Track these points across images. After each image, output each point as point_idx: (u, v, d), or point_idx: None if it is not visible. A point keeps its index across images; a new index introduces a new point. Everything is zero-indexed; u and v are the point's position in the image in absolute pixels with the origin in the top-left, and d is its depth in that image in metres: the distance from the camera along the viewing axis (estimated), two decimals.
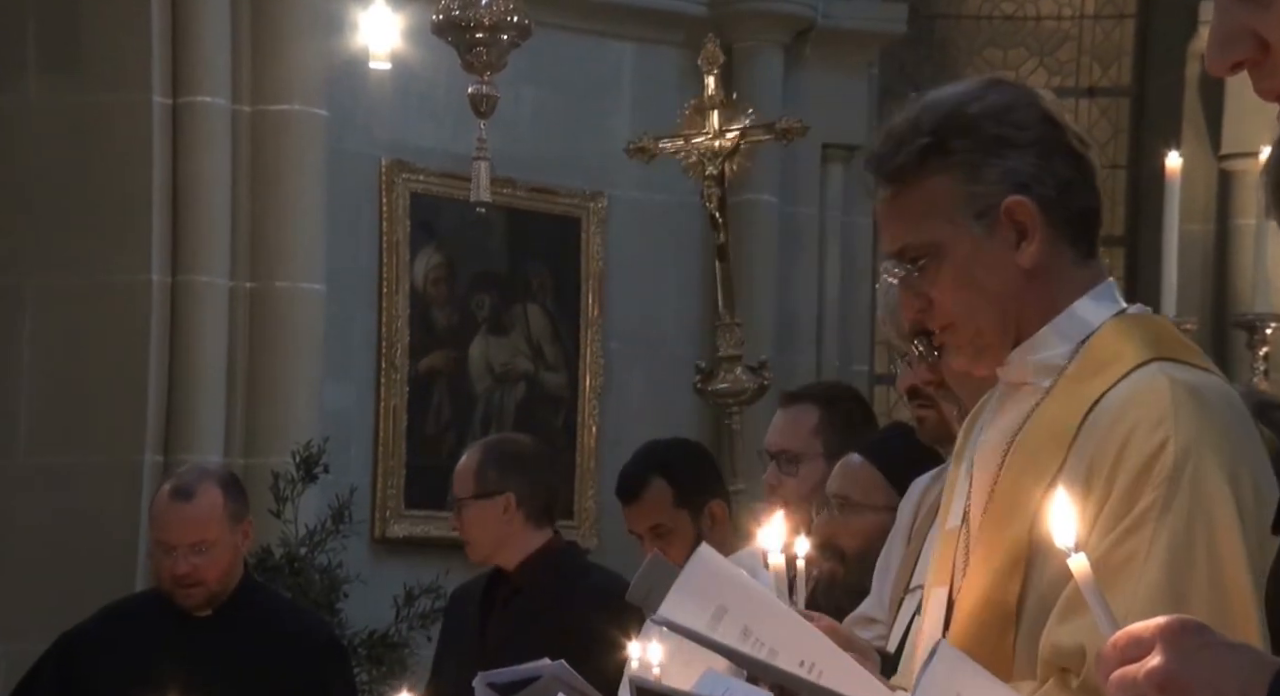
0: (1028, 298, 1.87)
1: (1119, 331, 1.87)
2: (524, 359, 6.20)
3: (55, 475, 5.35)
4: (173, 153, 5.40)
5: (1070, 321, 1.88)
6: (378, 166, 5.95)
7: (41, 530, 5.32)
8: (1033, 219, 1.86)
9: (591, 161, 6.25)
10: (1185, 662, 1.21)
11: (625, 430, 6.11)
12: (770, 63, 6.41)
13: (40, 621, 4.50)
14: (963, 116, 1.88)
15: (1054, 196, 1.87)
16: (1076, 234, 1.89)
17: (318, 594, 5.20)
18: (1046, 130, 1.89)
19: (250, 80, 5.46)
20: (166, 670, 3.71)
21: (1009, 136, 1.88)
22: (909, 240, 1.90)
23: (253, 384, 5.50)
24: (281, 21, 5.46)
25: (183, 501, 3.91)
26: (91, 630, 4.02)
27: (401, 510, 5.95)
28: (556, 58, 5.95)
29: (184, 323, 5.42)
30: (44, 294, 5.41)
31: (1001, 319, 1.88)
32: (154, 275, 5.39)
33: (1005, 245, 1.87)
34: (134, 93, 5.35)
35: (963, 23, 7.00)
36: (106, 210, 5.40)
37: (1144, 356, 1.83)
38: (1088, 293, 1.89)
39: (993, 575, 1.83)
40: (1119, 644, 1.24)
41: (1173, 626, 1.23)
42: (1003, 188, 1.86)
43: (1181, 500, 1.74)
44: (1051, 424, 1.84)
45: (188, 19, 5.37)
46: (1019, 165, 1.87)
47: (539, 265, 6.22)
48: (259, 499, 5.07)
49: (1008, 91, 1.93)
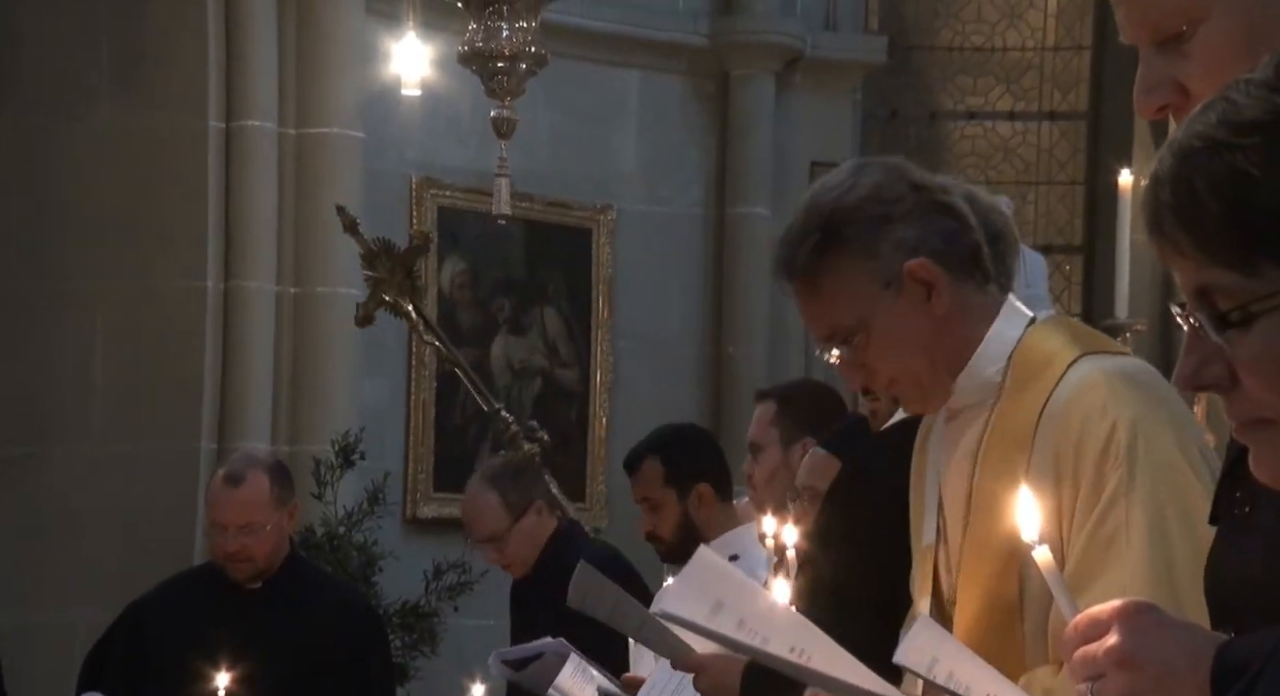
0: (948, 339, 1.91)
1: (1040, 339, 1.90)
2: (540, 357, 6.21)
3: (122, 460, 5.36)
4: (226, 171, 5.45)
5: (994, 343, 1.91)
6: (409, 183, 5.93)
7: (110, 509, 5.35)
8: (933, 274, 1.90)
9: (601, 178, 6.27)
10: (1140, 640, 1.20)
11: (632, 421, 6.05)
12: (763, 88, 6.43)
13: (108, 591, 4.54)
14: (843, 208, 1.93)
15: (943, 248, 1.91)
16: (969, 271, 1.93)
17: (355, 569, 5.24)
18: (916, 197, 1.93)
19: (295, 106, 5.51)
20: (220, 636, 3.75)
21: (887, 213, 1.92)
22: (835, 323, 1.94)
23: (296, 379, 5.54)
24: (322, 53, 5.51)
25: (233, 486, 3.91)
26: (154, 600, 4.03)
27: (430, 493, 5.96)
28: (570, 84, 5.92)
29: (235, 324, 5.47)
30: (112, 299, 5.45)
31: (932, 364, 1.92)
32: (209, 282, 5.42)
33: (918, 302, 1.91)
34: (192, 118, 5.42)
35: (936, 53, 6.95)
36: (167, 224, 5.45)
37: (1072, 355, 1.86)
38: (998, 316, 1.93)
39: (989, 577, 1.84)
40: (1079, 626, 1.23)
41: (1128, 608, 1.22)
42: (899, 256, 1.91)
43: (1143, 471, 1.76)
44: (1010, 431, 1.86)
45: (240, 52, 5.42)
46: (905, 235, 1.91)
47: (554, 272, 6.24)
48: (302, 483, 5.05)
49: (876, 172, 1.97)
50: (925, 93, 6.94)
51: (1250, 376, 1.02)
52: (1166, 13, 1.30)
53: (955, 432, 1.94)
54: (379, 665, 4.04)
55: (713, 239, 6.45)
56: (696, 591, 1.70)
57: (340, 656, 3.94)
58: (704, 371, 6.40)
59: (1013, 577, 1.82)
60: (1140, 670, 1.19)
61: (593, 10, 5.74)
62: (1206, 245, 1.02)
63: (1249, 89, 1.01)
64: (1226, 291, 1.01)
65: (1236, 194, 1.00)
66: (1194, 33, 1.29)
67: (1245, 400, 1.03)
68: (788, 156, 6.51)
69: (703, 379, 6.39)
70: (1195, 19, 1.29)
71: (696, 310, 6.40)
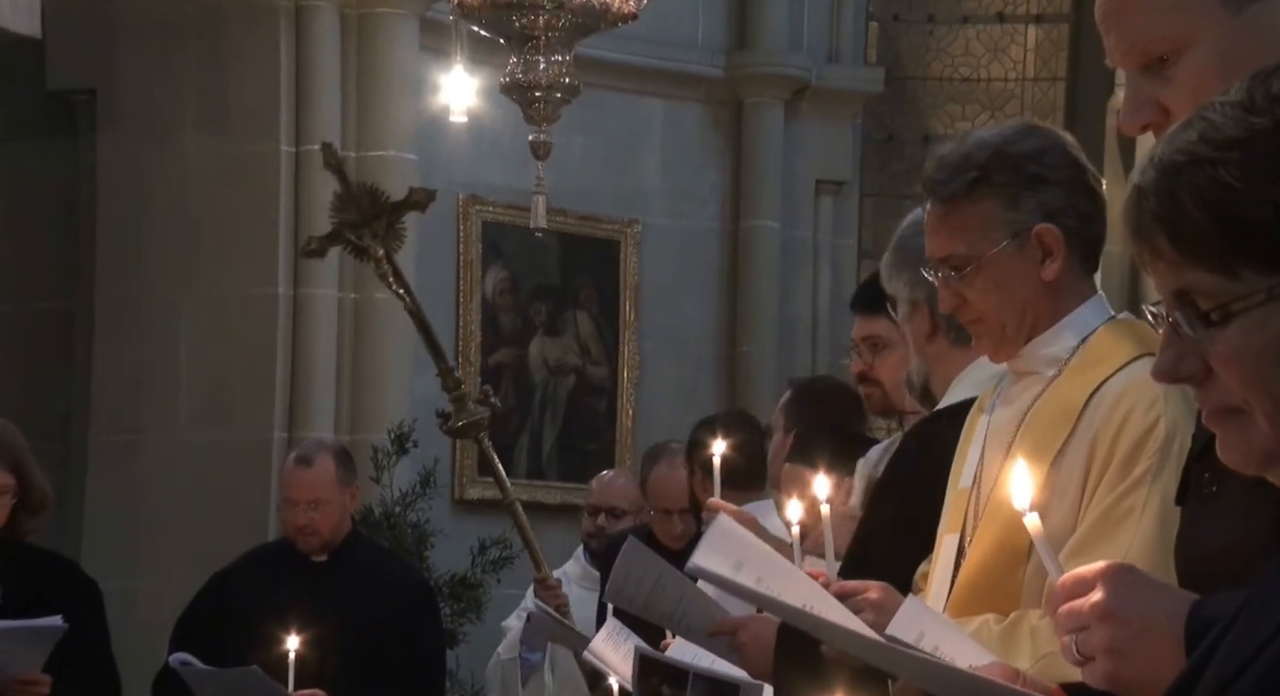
0: (1043, 304, 1.89)
1: (1113, 333, 1.89)
2: (574, 356, 6.19)
3: (206, 448, 5.38)
4: (295, 190, 5.42)
5: (1074, 323, 1.90)
6: (456, 200, 5.90)
7: (196, 490, 5.36)
8: (1058, 243, 1.87)
9: (628, 195, 6.25)
10: (1122, 597, 1.20)
11: (656, 413, 6.16)
12: (774, 115, 6.41)
13: (194, 562, 4.54)
14: (1007, 156, 1.89)
15: (1075, 226, 1.89)
16: (1086, 256, 1.91)
17: (409, 544, 5.25)
18: (1073, 172, 1.90)
19: (355, 131, 5.51)
20: (291, 603, 3.78)
21: (1043, 175, 1.88)
22: (954, 251, 1.90)
23: (356, 376, 5.55)
24: (380, 85, 5.52)
25: (304, 467, 3.97)
26: (235, 570, 4.06)
27: (475, 477, 5.91)
28: (600, 111, 5.88)
29: (303, 327, 5.48)
30: (196, 304, 5.48)
31: (1021, 319, 1.89)
32: (280, 289, 5.43)
33: (1032, 261, 1.88)
34: (265, 143, 5.43)
35: (928, 83, 6.90)
36: (244, 238, 5.44)
37: (1135, 352, 1.84)
38: (1086, 302, 1.91)
39: (1006, 524, 1.81)
40: (1066, 584, 1.22)
41: (1111, 569, 1.22)
42: (1035, 216, 1.87)
43: (1170, 467, 1.74)
44: (1060, 403, 1.85)
45: (307, 86, 5.44)
46: (1050, 199, 1.88)
47: (586, 279, 6.19)
48: (361, 468, 5.06)
49: (1043, 136, 1.93)
50: (918, 118, 6.92)
51: (1226, 369, 1.02)
52: (1153, 41, 1.30)
53: (1014, 393, 1.93)
54: (431, 630, 4.07)
55: (728, 249, 6.43)
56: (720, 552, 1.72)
57: (397, 622, 3.94)
58: (720, 367, 6.39)
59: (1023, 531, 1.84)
60: (1122, 624, 1.20)
61: (620, 45, 5.74)
62: (1190, 250, 1.01)
63: (1225, 109, 1.01)
64: (1207, 292, 1.01)
65: (1218, 204, 1.00)
66: (1177, 59, 1.29)
67: (1218, 391, 1.03)
68: (795, 175, 6.51)
69: (719, 374, 6.38)
70: (1178, 47, 1.29)
71: (713, 313, 6.39)
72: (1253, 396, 1.02)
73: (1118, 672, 1.21)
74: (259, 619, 3.82)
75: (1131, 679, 1.21)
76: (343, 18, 5.51)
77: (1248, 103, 1.01)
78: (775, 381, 6.09)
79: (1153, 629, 1.20)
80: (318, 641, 3.75)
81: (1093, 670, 1.22)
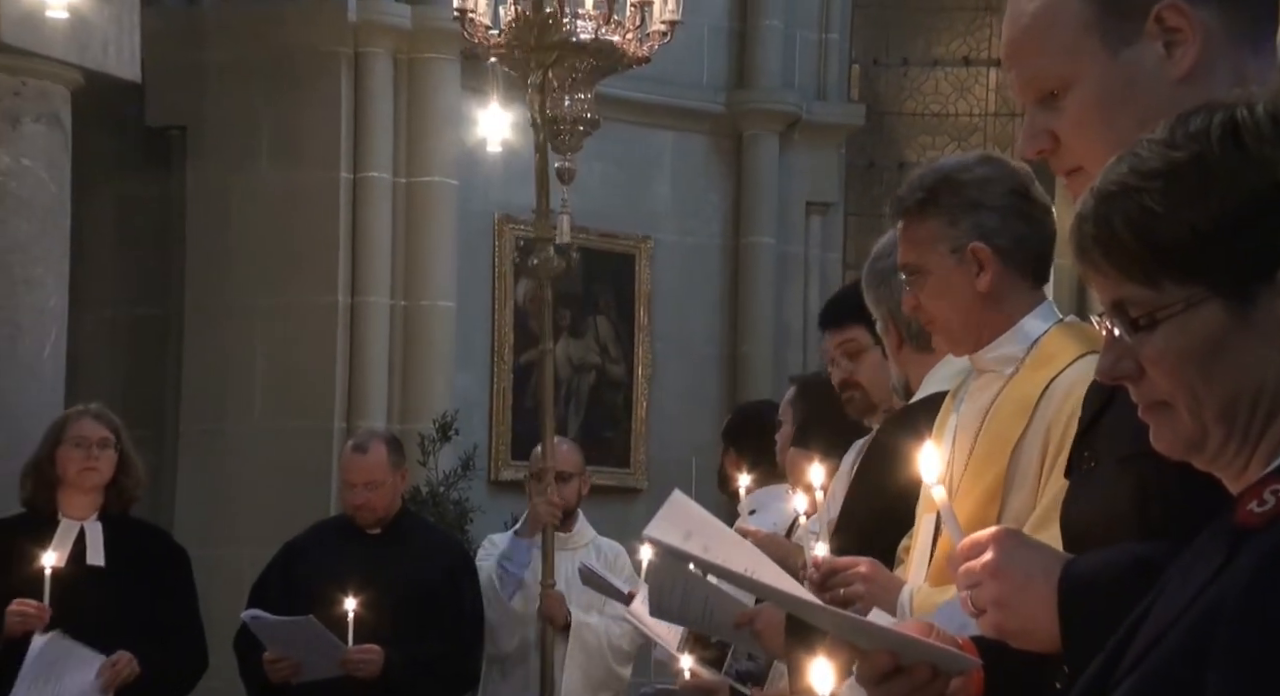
0: (986, 310, 1.90)
1: (1061, 334, 1.89)
2: (594, 355, 6.17)
3: (276, 435, 5.40)
4: (353, 212, 5.46)
5: (1025, 327, 1.90)
6: (492, 220, 5.90)
7: (268, 472, 5.37)
8: (989, 259, 1.89)
9: (642, 215, 6.24)
10: (1008, 557, 1.21)
11: (667, 406, 6.17)
12: (769, 144, 6.41)
13: (267, 534, 4.53)
14: (953, 182, 1.92)
15: (1008, 246, 1.89)
16: (1024, 271, 1.91)
17: (451, 520, 5.25)
18: (1011, 199, 1.91)
19: (405, 160, 5.53)
20: (350, 569, 3.80)
21: (981, 200, 1.90)
22: (909, 260, 1.94)
23: (406, 372, 5.54)
24: (427, 120, 5.53)
25: (361, 453, 3.98)
26: (302, 541, 4.08)
27: (509, 460, 5.89)
28: (618, 142, 5.87)
29: (359, 330, 5.49)
30: (269, 311, 5.48)
31: (965, 321, 1.91)
32: (339, 297, 5.45)
33: (969, 275, 1.90)
34: (328, 172, 5.46)
35: (904, 118, 6.91)
36: (310, 253, 5.46)
37: (1081, 351, 1.84)
38: (1035, 309, 1.91)
39: (975, 503, 1.82)
40: (963, 547, 1.24)
41: (1000, 533, 1.23)
42: (972, 235, 1.89)
43: None
44: (1018, 398, 1.85)
45: (364, 121, 5.47)
46: (984, 221, 1.90)
47: (605, 288, 6.16)
48: (410, 453, 5.08)
49: (993, 166, 1.95)
50: (895, 148, 6.93)
51: (1154, 369, 1.02)
52: (1044, 78, 1.30)
53: (977, 390, 1.94)
54: (470, 591, 4.07)
55: (729, 262, 6.43)
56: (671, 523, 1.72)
57: (441, 585, 3.96)
58: (723, 366, 6.38)
59: (995, 507, 1.82)
60: (1007, 579, 1.20)
61: (635, 85, 5.75)
62: (1121, 267, 1.02)
63: (1150, 145, 1.01)
64: (1137, 303, 1.01)
65: (1143, 227, 1.00)
66: (1065, 94, 1.28)
67: (1149, 388, 1.03)
68: (788, 197, 6.50)
69: (722, 372, 6.37)
70: (1067, 84, 1.28)
71: (717, 318, 6.38)
72: (1176, 392, 1.02)
73: (1004, 622, 1.22)
74: (322, 583, 3.84)
75: (1015, 627, 1.21)
76: (395, 63, 5.54)
77: (1169, 140, 1.01)
78: (771, 378, 6.11)
79: (1032, 583, 1.21)
80: (373, 602, 3.76)
81: (985, 620, 1.23)
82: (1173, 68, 1.25)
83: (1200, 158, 1.00)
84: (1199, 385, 1.01)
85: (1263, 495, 0.97)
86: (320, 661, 3.73)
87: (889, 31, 6.95)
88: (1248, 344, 0.99)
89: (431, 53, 5.55)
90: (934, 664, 1.26)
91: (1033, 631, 1.20)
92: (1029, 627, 1.21)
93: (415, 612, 3.87)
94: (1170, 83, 1.23)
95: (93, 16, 4.51)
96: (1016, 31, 1.32)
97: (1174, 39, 1.25)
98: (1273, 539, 0.94)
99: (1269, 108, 1.00)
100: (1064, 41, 1.27)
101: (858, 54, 6.88)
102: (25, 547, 3.63)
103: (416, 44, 5.50)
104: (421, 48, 5.51)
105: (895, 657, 1.27)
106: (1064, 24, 1.28)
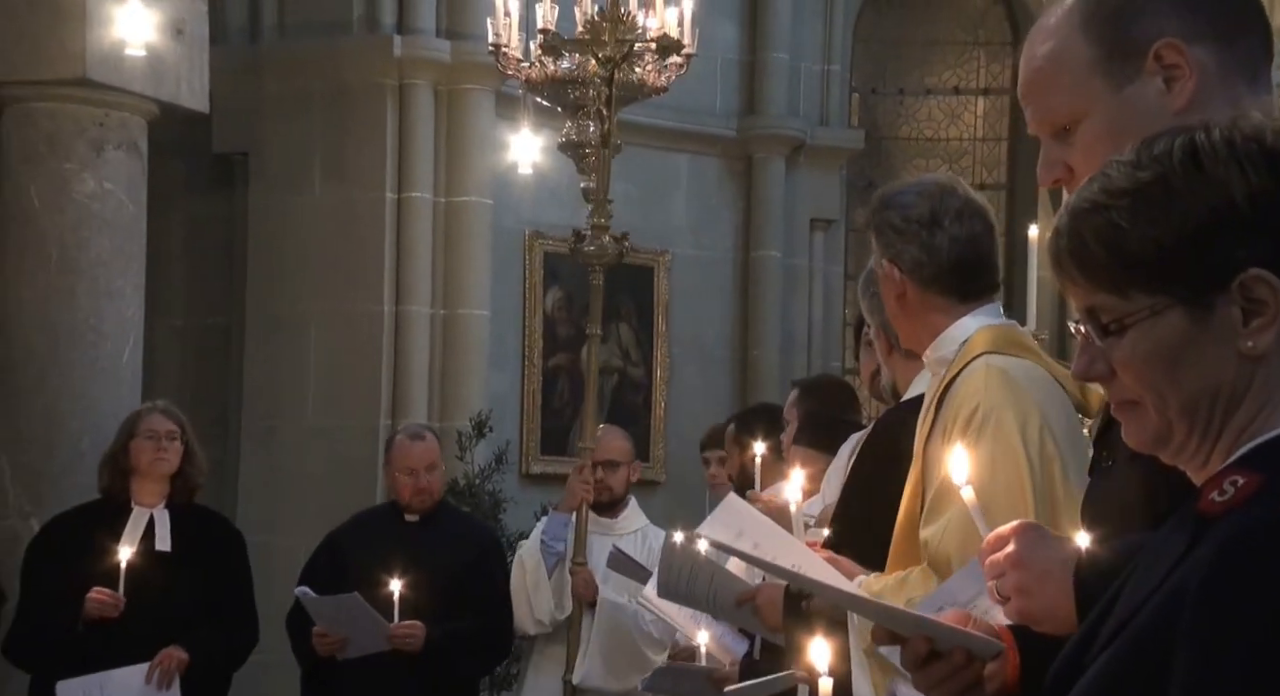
0: (910, 319, 1.96)
1: (977, 338, 1.91)
2: (617, 359, 6.17)
3: (328, 432, 5.42)
4: (397, 228, 5.45)
5: (954, 333, 1.94)
6: (523, 236, 5.90)
7: (320, 465, 5.39)
8: (898, 278, 1.94)
9: (661, 231, 6.22)
10: (1029, 549, 1.22)
11: (683, 406, 6.16)
12: (776, 166, 6.39)
13: (318, 522, 4.49)
14: (882, 205, 1.99)
15: (909, 266, 1.93)
16: (943, 287, 1.94)
17: (486, 510, 5.26)
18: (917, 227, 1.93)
19: (445, 181, 5.54)
20: (391, 554, 3.79)
21: (895, 224, 1.95)
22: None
23: (445, 374, 5.55)
24: (464, 145, 5.55)
25: (419, 441, 3.95)
26: (347, 528, 4.07)
27: (539, 455, 5.88)
28: (638, 164, 5.81)
29: (403, 336, 5.50)
30: (321, 318, 5.51)
31: (902, 328, 1.99)
32: (385, 306, 5.45)
33: (891, 287, 1.97)
34: (375, 192, 5.47)
35: (899, 142, 6.92)
36: (358, 266, 5.47)
37: (977, 353, 1.87)
38: (966, 316, 1.93)
39: (908, 497, 1.86)
40: (989, 541, 1.24)
41: (1020, 527, 1.24)
42: (886, 253, 1.96)
43: (985, 439, 1.76)
44: (931, 397, 1.88)
45: (408, 146, 5.48)
46: (893, 242, 1.95)
47: (626, 298, 6.13)
48: (448, 448, 5.07)
49: (917, 196, 1.96)
50: (892, 170, 6.91)
51: (1123, 370, 1.02)
52: (1057, 114, 1.32)
53: (930, 388, 1.97)
54: (501, 574, 4.07)
55: (740, 274, 6.42)
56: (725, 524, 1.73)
57: (474, 568, 3.95)
58: (734, 369, 6.38)
59: (917, 499, 1.85)
60: (1028, 569, 1.22)
61: (654, 112, 5.76)
62: (1093, 277, 1.03)
63: (1119, 167, 1.02)
64: (1108, 310, 1.02)
65: (1112, 241, 1.01)
66: (1076, 128, 1.31)
67: (1119, 388, 1.03)
68: (794, 215, 6.51)
69: (733, 374, 6.37)
70: (1077, 119, 1.31)
71: (728, 325, 6.37)
72: (1143, 392, 1.03)
73: (1026, 608, 1.23)
74: (368, 566, 3.84)
75: (1037, 612, 1.23)
76: (436, 93, 5.56)
77: (1136, 162, 1.02)
78: (778, 380, 6.12)
79: (1051, 573, 1.22)
80: (414, 583, 3.76)
81: (1009, 607, 1.24)
82: (1172, 101, 1.27)
83: (1163, 178, 1.01)
84: (1163, 385, 1.02)
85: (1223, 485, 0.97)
86: (364, 637, 3.72)
87: (886, 64, 6.97)
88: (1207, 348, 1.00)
89: (468, 84, 5.56)
90: (968, 648, 1.28)
91: (1053, 616, 1.22)
92: (1049, 613, 1.22)
93: (452, 592, 3.88)
94: (1171, 114, 1.25)
95: (167, 54, 4.59)
96: (1030, 73, 1.33)
97: (1172, 75, 1.27)
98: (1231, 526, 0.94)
99: (1224, 133, 1.00)
100: (1072, 81, 1.30)
101: (857, 84, 6.90)
102: (98, 535, 3.71)
103: (455, 76, 5.51)
104: (459, 80, 5.52)
105: (932, 643, 1.28)
106: (1072, 66, 1.30)
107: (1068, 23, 1.31)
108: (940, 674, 1.28)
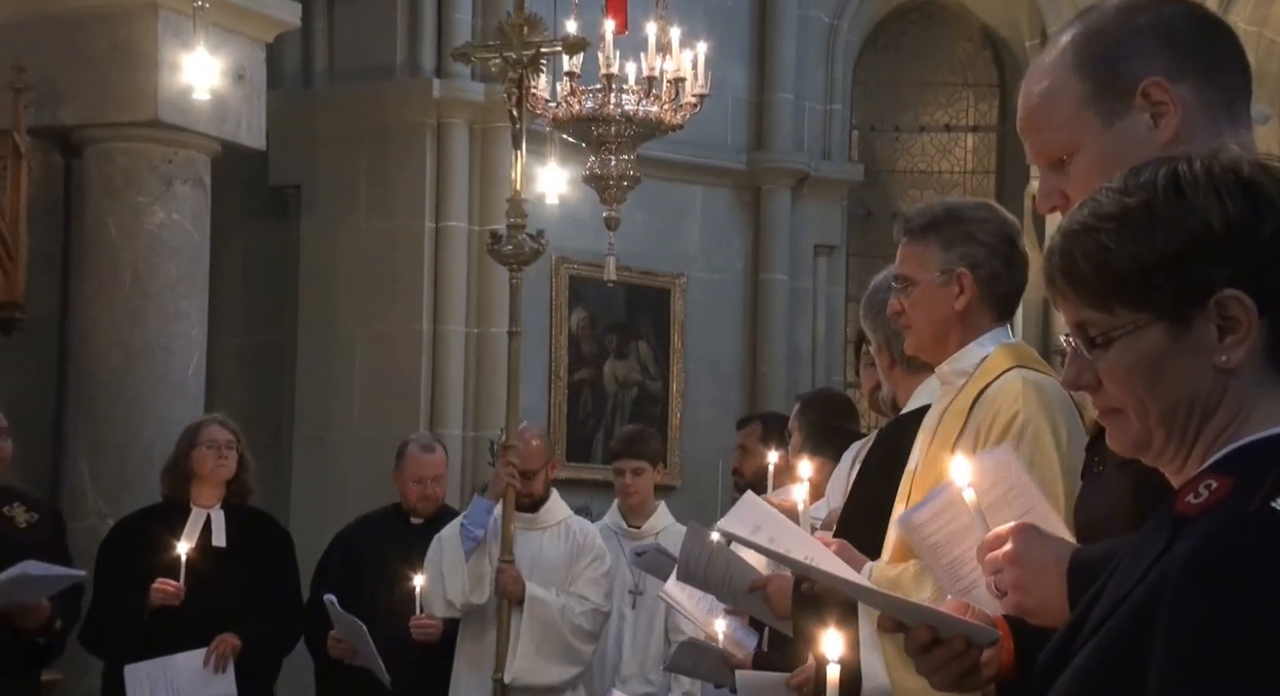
0: (954, 329, 1.92)
1: (1001, 353, 1.91)
2: (637, 374, 6.15)
3: (371, 442, 5.37)
4: (435, 254, 5.46)
5: (978, 347, 1.93)
6: (550, 260, 5.79)
7: (364, 471, 5.37)
8: (970, 285, 1.91)
9: (677, 256, 6.21)
10: (1025, 548, 1.22)
11: (697, 418, 6.15)
12: (783, 197, 6.37)
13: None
14: (954, 214, 1.94)
15: (986, 277, 1.92)
16: (996, 303, 1.94)
17: None
18: (998, 241, 1.93)
19: (479, 211, 5.56)
20: (394, 551, 3.82)
21: (975, 235, 1.92)
22: (902, 272, 1.94)
23: (478, 389, 5.53)
24: (496, 177, 5.55)
25: (429, 453, 3.99)
26: (351, 529, 4.09)
27: (563, 463, 5.81)
28: (656, 195, 5.83)
29: (440, 353, 5.50)
30: (367, 337, 5.52)
31: (934, 334, 1.93)
32: (424, 325, 5.46)
33: (950, 294, 1.92)
34: (415, 221, 5.48)
35: (896, 174, 6.95)
36: (400, 289, 5.48)
37: (1009, 365, 1.88)
38: (989, 332, 1.94)
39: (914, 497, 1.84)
40: (989, 540, 1.24)
41: (1018, 527, 1.24)
42: (960, 263, 1.91)
43: (1025, 444, 1.78)
44: (959, 407, 1.87)
45: (445, 179, 5.49)
46: (973, 252, 1.91)
47: (645, 318, 6.12)
48: (481, 456, 5.20)
49: (991, 212, 1.96)
50: (889, 200, 6.96)
51: (1108, 381, 1.02)
52: (1052, 147, 1.33)
53: (940, 399, 1.96)
54: None
55: (750, 296, 6.42)
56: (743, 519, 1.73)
57: None
58: (745, 383, 6.36)
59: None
60: (1024, 566, 1.22)
61: (670, 147, 5.77)
62: (1081, 293, 1.03)
63: (1108, 193, 1.02)
64: (1095, 324, 1.02)
65: (1100, 260, 1.01)
66: (1071, 160, 1.31)
67: (1105, 396, 1.03)
68: (799, 241, 6.51)
69: (744, 388, 6.36)
70: (1072, 151, 1.31)
71: (739, 343, 6.36)
72: (1126, 400, 1.03)
73: (1022, 602, 1.24)
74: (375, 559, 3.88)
75: (1032, 606, 1.24)
76: (470, 130, 5.59)
77: (1123, 188, 1.03)
78: (785, 393, 6.09)
79: (1045, 570, 1.22)
80: None
81: (1007, 601, 1.25)
82: (1158, 134, 1.27)
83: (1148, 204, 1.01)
84: (1145, 395, 1.02)
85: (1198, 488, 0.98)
86: (367, 658, 3.74)
87: (883, 103, 7.00)
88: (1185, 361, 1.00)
89: (501, 122, 5.56)
90: (967, 636, 1.29)
91: (1047, 609, 1.22)
92: (1044, 606, 1.22)
93: None
94: (1157, 147, 1.25)
95: (229, 97, 4.69)
96: (1027, 109, 1.33)
97: (1158, 111, 1.28)
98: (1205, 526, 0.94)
99: (1204, 164, 1.01)
100: (1066, 117, 1.30)
101: (857, 122, 6.92)
102: (161, 534, 3.79)
103: (488, 116, 5.51)
104: (492, 119, 5.49)
105: (934, 631, 1.29)
106: (1065, 102, 1.30)
107: (1062, 62, 1.31)
108: (941, 658, 1.30)
